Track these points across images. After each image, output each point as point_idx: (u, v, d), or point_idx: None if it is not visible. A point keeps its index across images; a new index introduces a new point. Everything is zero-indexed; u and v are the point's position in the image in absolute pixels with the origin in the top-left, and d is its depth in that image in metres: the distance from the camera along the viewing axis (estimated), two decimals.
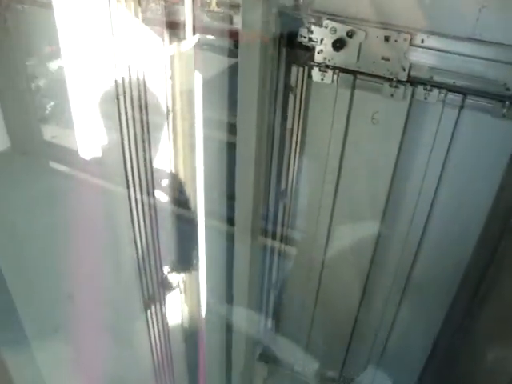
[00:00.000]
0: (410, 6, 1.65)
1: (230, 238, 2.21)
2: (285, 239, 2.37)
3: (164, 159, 2.17)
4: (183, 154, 2.15)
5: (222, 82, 1.94)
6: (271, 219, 2.29)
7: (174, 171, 2.22)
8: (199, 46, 1.90)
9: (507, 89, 1.64)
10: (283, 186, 2.18)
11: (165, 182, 2.26)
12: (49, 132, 2.15)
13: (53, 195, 1.99)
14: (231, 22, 1.81)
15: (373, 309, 2.41)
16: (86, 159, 2.08)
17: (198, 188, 2.21)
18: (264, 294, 2.62)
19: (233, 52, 1.81)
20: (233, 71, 1.71)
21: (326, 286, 2.44)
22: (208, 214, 2.27)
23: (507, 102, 1.65)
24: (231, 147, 1.89)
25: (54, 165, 2.14)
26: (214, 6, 1.81)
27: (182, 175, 2.22)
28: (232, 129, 1.79)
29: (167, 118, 2.06)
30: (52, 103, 2.11)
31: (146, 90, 1.83)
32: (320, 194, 2.13)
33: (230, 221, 2.16)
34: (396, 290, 2.28)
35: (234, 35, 1.76)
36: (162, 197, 2.28)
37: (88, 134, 2.01)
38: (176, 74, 1.94)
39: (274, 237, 2.34)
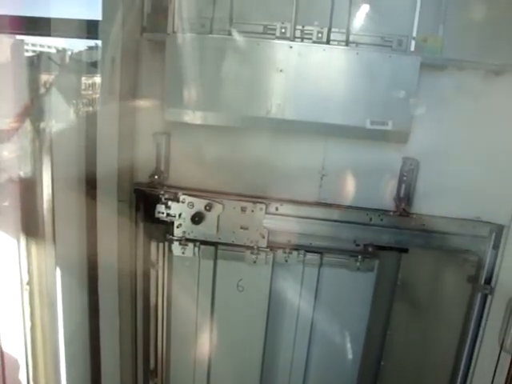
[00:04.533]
0: (262, 177, 1.76)
1: None
2: None
3: None
4: None
5: None
6: None
7: None
8: None
9: (357, 244, 1.78)
10: (152, 366, 1.97)
11: None
12: None
13: None
14: None
15: None
16: None
17: None
18: None
19: None
20: None
21: None
22: None
23: (359, 257, 1.78)
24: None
25: None
26: None
27: None
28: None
29: None
30: None
31: None
32: (192, 372, 1.97)
33: None
34: None
35: None
36: None
37: None
38: None
39: None
